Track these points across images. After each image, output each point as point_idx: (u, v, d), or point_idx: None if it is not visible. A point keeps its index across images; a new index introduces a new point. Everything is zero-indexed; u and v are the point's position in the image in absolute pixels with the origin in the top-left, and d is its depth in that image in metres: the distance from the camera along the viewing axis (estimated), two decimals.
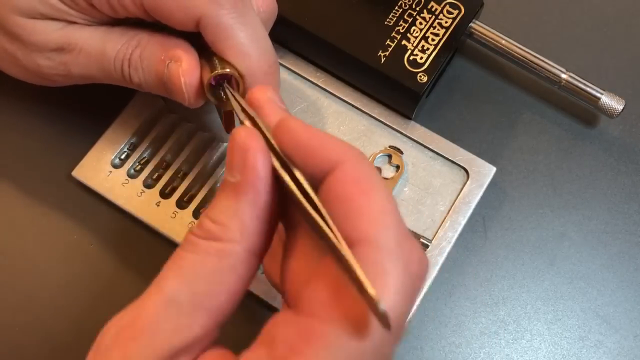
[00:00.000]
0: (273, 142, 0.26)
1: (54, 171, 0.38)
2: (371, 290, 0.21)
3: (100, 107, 0.38)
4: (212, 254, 0.25)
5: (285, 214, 0.27)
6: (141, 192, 0.37)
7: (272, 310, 0.35)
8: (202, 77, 0.31)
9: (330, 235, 0.23)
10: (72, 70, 0.33)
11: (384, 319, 0.21)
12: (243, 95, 0.30)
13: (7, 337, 0.35)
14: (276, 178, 0.25)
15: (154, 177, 0.37)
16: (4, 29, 0.32)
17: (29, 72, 0.34)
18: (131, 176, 0.37)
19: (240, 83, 0.31)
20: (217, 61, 0.31)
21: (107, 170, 0.37)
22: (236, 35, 0.30)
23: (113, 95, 0.37)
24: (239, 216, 0.25)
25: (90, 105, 0.39)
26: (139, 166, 0.37)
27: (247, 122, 0.27)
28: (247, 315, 0.32)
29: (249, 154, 0.25)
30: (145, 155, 0.38)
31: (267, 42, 0.31)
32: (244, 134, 0.25)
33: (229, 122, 0.34)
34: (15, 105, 0.40)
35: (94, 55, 0.32)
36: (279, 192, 0.26)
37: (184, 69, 0.31)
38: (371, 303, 0.21)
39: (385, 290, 0.22)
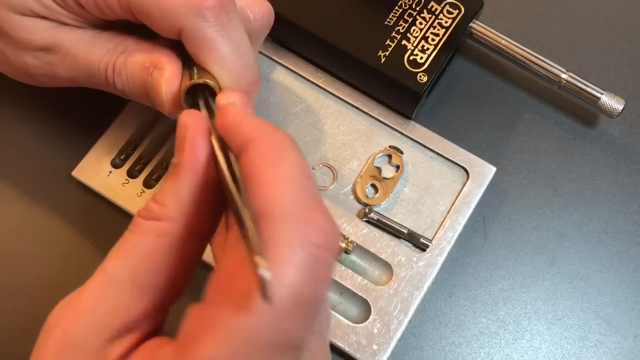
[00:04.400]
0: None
1: (54, 171, 0.38)
2: (256, 260, 0.21)
3: (101, 107, 0.38)
4: (151, 233, 0.26)
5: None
6: (141, 192, 0.37)
7: None
8: (180, 86, 0.30)
9: (241, 209, 0.23)
10: (58, 72, 0.33)
11: (262, 287, 0.20)
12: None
13: (7, 337, 0.35)
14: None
15: (154, 177, 0.37)
16: None
17: (17, 69, 0.34)
18: (131, 176, 0.37)
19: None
20: (196, 71, 0.30)
21: (107, 170, 0.37)
22: (218, 49, 0.30)
23: (113, 95, 0.37)
24: (178, 195, 0.26)
25: (91, 105, 0.39)
26: (139, 166, 0.37)
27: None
28: None
29: (188, 134, 0.26)
30: (145, 155, 0.38)
31: (251, 59, 0.31)
32: (186, 116, 0.26)
33: None
34: (15, 105, 0.40)
35: (80, 58, 0.32)
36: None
37: (166, 78, 0.30)
38: (256, 274, 0.20)
39: (279, 261, 0.22)
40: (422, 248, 0.36)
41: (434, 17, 0.38)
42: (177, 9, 0.29)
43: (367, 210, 0.36)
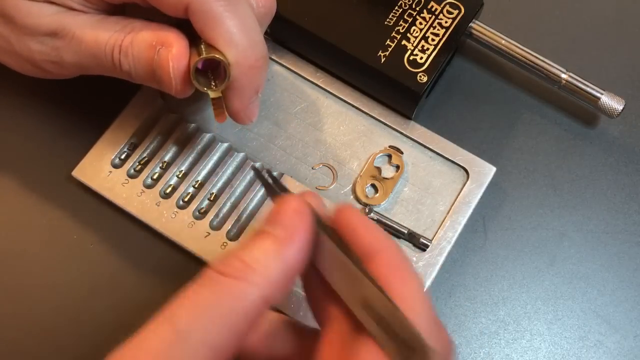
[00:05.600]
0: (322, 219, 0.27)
1: (54, 171, 0.38)
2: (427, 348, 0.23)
3: (100, 107, 0.38)
4: (231, 293, 0.25)
5: (318, 309, 0.28)
6: (141, 192, 0.37)
7: None
8: (189, 64, 0.31)
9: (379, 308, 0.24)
10: (64, 57, 0.33)
11: None
12: (224, 83, 0.31)
13: (7, 337, 0.35)
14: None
15: (154, 177, 0.37)
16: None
17: (22, 58, 0.33)
18: (131, 176, 0.37)
19: (227, 71, 0.30)
20: (204, 48, 0.30)
21: (107, 170, 0.37)
22: (224, 24, 0.30)
23: (113, 95, 0.37)
24: (269, 264, 0.25)
25: (90, 106, 0.39)
26: (139, 166, 0.37)
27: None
28: None
29: (303, 219, 0.26)
30: (145, 155, 0.38)
31: (257, 35, 0.31)
32: (301, 201, 0.27)
33: (218, 109, 0.33)
34: (15, 105, 0.40)
35: (86, 42, 0.32)
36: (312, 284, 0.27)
37: (173, 54, 0.30)
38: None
39: None
40: (422, 248, 0.36)
41: (433, 17, 0.38)
42: None
43: (367, 210, 0.36)
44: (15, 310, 0.36)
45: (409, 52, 0.38)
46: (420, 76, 0.37)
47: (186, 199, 0.37)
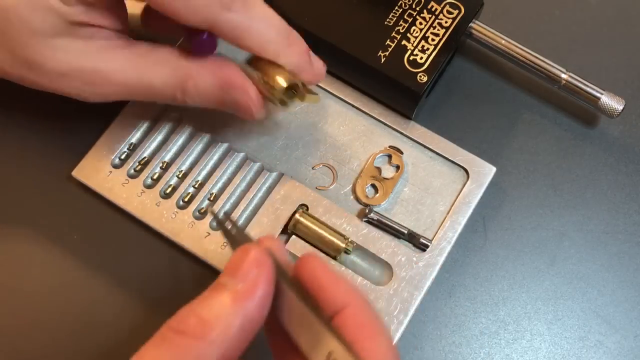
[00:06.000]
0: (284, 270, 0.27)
1: (54, 171, 0.38)
2: None
3: (101, 107, 0.38)
4: (189, 354, 0.24)
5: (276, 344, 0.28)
6: (141, 192, 0.37)
7: None
8: (260, 91, 0.33)
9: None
10: (105, 92, 0.32)
11: None
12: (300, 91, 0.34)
13: (7, 337, 0.35)
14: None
15: (154, 177, 0.37)
16: (22, 57, 0.31)
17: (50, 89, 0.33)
18: (131, 176, 0.37)
19: (299, 85, 0.33)
20: (269, 71, 0.32)
21: (107, 170, 0.37)
22: (254, 32, 0.31)
23: None
24: (229, 320, 0.25)
25: (91, 105, 0.39)
26: (139, 166, 0.37)
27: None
28: None
29: (264, 270, 0.26)
30: (145, 155, 0.38)
31: (277, 19, 0.32)
32: (261, 251, 0.26)
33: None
34: (15, 105, 0.40)
35: (126, 84, 0.32)
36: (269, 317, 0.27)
37: (252, 99, 0.33)
38: None
39: None
40: (422, 248, 0.36)
41: (434, 17, 0.38)
42: (208, 3, 0.30)
43: (367, 211, 0.36)
44: (14, 311, 0.36)
45: (409, 52, 0.38)
46: (420, 76, 0.37)
47: (186, 199, 0.37)
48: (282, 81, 0.32)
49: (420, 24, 0.38)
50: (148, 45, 0.33)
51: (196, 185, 0.37)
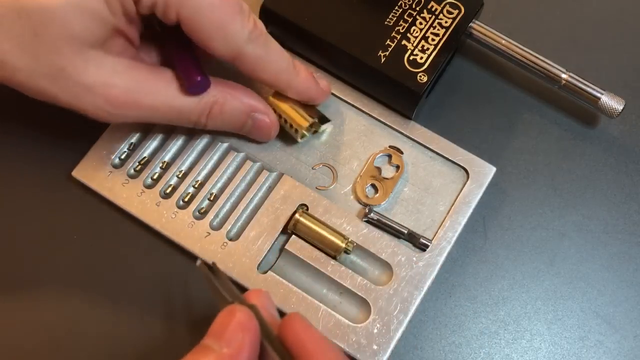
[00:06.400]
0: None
1: (54, 171, 0.38)
2: None
3: None
4: None
5: None
6: (141, 192, 0.37)
7: None
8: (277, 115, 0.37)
9: None
10: (124, 113, 0.32)
11: None
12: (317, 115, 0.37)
13: (7, 337, 0.35)
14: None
15: (154, 177, 0.37)
16: (49, 65, 0.30)
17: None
18: (131, 176, 0.37)
19: (316, 120, 0.37)
20: (291, 115, 0.37)
21: (107, 170, 0.37)
22: (271, 63, 0.34)
23: None
24: None
25: None
26: (139, 166, 0.37)
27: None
28: None
29: (249, 334, 0.26)
30: (145, 155, 0.38)
31: (284, 50, 0.35)
32: (246, 314, 0.26)
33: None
34: (15, 105, 0.40)
35: (152, 107, 0.32)
36: None
37: (272, 121, 0.36)
38: None
39: None
40: (422, 248, 0.36)
41: (434, 17, 0.38)
42: (238, 36, 0.32)
43: (367, 210, 0.36)
44: (15, 310, 0.36)
45: (409, 52, 0.38)
46: (420, 76, 0.37)
47: (186, 199, 0.37)
48: (304, 122, 0.36)
49: (420, 24, 0.38)
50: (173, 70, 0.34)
51: (196, 185, 0.37)
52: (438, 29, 0.38)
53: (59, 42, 0.29)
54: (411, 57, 0.37)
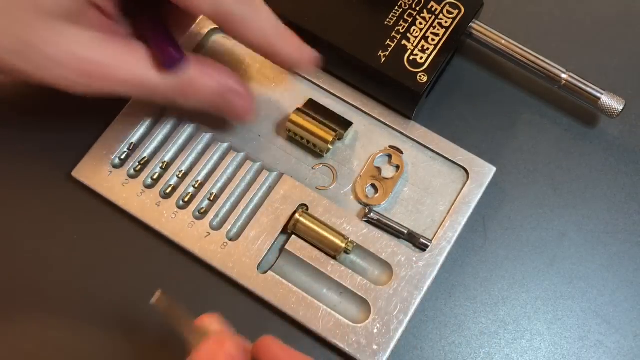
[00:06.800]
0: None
1: (54, 171, 0.38)
2: None
3: (100, 107, 0.38)
4: None
5: None
6: (141, 192, 0.37)
7: None
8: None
9: None
10: (98, 87, 0.32)
11: None
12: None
13: (7, 337, 0.35)
14: None
15: (154, 177, 0.37)
16: (18, 40, 0.29)
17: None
18: (131, 176, 0.37)
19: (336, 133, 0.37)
20: (312, 139, 0.37)
21: (107, 170, 0.37)
22: (256, 25, 0.32)
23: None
24: None
25: (90, 105, 0.39)
26: (139, 166, 0.37)
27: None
28: None
29: None
30: (145, 155, 0.38)
31: (272, 13, 0.33)
32: (236, 345, 0.27)
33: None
34: (15, 105, 0.40)
35: (126, 81, 0.32)
36: None
37: (248, 102, 0.35)
38: None
39: None
40: (422, 248, 0.36)
41: (434, 17, 0.38)
42: None
43: (367, 210, 0.36)
44: (14, 310, 0.36)
45: (409, 52, 0.38)
46: (420, 76, 0.37)
47: (186, 199, 0.37)
48: (327, 141, 0.37)
49: (420, 24, 0.38)
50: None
51: (196, 185, 0.37)
52: (438, 29, 0.38)
53: (27, 17, 0.28)
54: (411, 57, 0.37)
